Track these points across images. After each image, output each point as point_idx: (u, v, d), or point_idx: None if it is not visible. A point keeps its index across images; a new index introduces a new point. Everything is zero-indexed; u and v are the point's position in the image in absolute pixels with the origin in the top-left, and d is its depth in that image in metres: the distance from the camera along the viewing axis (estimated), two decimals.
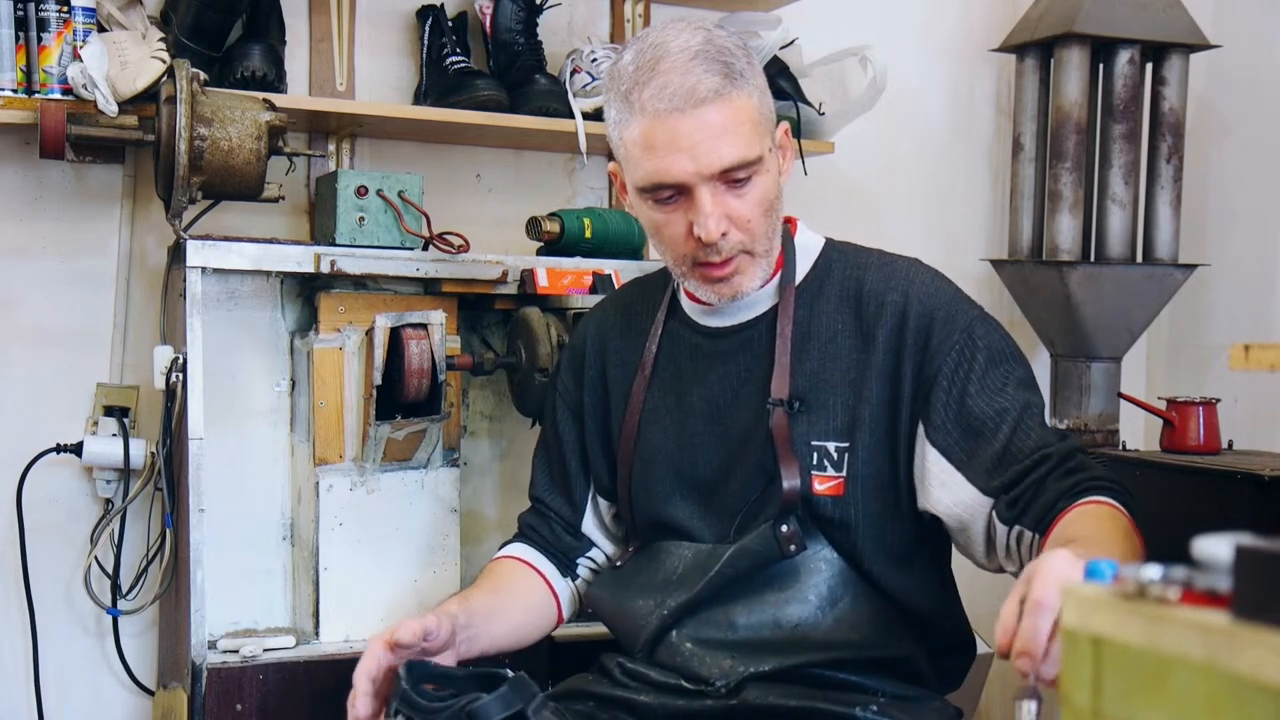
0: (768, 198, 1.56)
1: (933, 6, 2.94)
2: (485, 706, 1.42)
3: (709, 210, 1.52)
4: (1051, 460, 1.49)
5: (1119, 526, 1.39)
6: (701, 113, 1.49)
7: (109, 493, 2.25)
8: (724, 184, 1.52)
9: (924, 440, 1.56)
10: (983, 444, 1.53)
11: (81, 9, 2.09)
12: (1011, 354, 1.60)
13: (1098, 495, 1.44)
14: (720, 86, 1.50)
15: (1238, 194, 2.84)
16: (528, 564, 1.82)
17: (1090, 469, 1.50)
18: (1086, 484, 1.46)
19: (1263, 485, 1.95)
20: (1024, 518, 1.48)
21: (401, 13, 2.48)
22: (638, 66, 1.52)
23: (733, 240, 1.55)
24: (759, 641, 1.59)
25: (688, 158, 1.50)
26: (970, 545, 1.57)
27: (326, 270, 2.07)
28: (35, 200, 2.27)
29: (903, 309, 1.59)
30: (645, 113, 1.51)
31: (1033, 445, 1.51)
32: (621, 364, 1.76)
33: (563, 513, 1.82)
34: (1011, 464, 1.51)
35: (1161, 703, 0.78)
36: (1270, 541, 0.75)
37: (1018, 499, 1.49)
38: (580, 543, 1.83)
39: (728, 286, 1.59)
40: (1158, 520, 2.17)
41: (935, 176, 2.96)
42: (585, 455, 1.81)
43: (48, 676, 2.24)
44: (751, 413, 1.63)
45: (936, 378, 1.56)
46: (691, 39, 1.52)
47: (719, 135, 1.49)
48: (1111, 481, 1.48)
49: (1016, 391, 1.56)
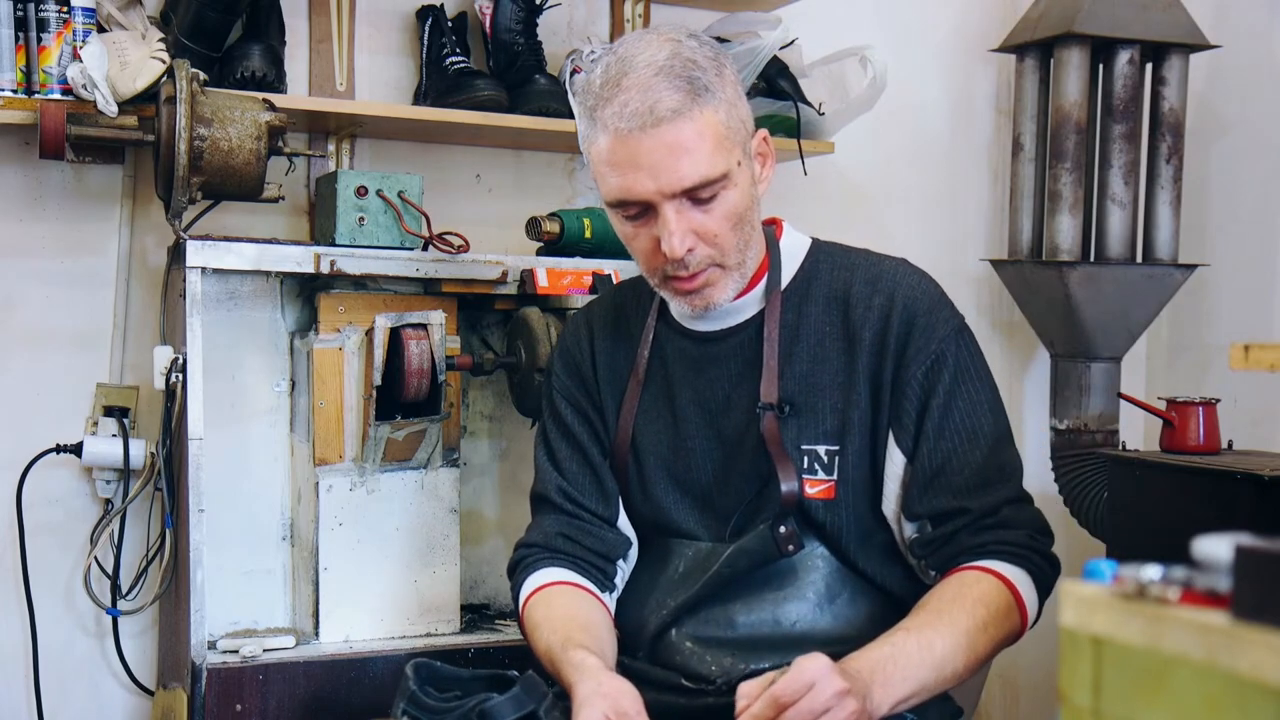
0: (736, 211, 1.54)
1: (933, 6, 2.94)
2: (498, 707, 1.41)
3: (673, 228, 1.51)
4: (970, 514, 1.56)
5: (986, 603, 1.50)
6: (660, 132, 1.48)
7: (109, 493, 2.25)
8: (689, 200, 1.51)
9: (893, 444, 1.59)
10: (922, 461, 1.57)
11: (81, 9, 2.09)
12: (980, 375, 1.62)
13: (996, 561, 1.54)
14: (681, 104, 1.48)
15: (1238, 194, 2.84)
16: (584, 589, 1.69)
17: (1009, 526, 1.56)
18: (993, 546, 1.55)
19: (1263, 485, 1.95)
20: (930, 560, 1.59)
21: (401, 13, 2.48)
22: (603, 82, 1.52)
23: (700, 255, 1.54)
24: (758, 639, 1.59)
25: (648, 176, 1.49)
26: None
27: (326, 270, 2.07)
28: (35, 200, 2.27)
29: (887, 311, 1.60)
30: (607, 130, 1.50)
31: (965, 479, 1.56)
32: (614, 367, 1.74)
33: (597, 509, 1.71)
34: (937, 495, 1.57)
35: (1161, 703, 0.78)
36: (1270, 541, 0.75)
37: (930, 542, 1.58)
38: (620, 538, 1.72)
39: (699, 298, 1.59)
40: (1158, 520, 2.18)
41: (935, 176, 2.96)
42: (603, 447, 1.74)
43: (48, 676, 2.24)
44: (743, 417, 1.63)
45: (909, 383, 1.58)
46: (658, 53, 1.51)
47: (679, 155, 1.48)
48: (1020, 547, 1.55)
49: (974, 415, 1.59)
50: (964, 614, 1.49)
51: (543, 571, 1.69)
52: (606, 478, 1.72)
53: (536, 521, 1.76)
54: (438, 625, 2.19)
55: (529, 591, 1.68)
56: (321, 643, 2.13)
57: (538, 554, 1.71)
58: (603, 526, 1.71)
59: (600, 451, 1.73)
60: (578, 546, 1.70)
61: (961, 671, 1.48)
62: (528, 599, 1.68)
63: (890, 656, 1.44)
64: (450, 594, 2.21)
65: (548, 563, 1.70)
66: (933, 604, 1.51)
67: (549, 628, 1.60)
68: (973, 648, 1.48)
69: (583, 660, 1.51)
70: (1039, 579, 1.55)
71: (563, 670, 1.53)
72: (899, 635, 1.47)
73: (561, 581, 1.68)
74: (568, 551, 1.70)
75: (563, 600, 1.66)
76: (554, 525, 1.72)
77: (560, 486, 1.73)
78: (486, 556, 2.41)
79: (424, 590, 2.19)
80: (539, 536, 1.72)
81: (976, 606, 1.49)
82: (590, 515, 1.72)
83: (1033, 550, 1.56)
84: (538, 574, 1.69)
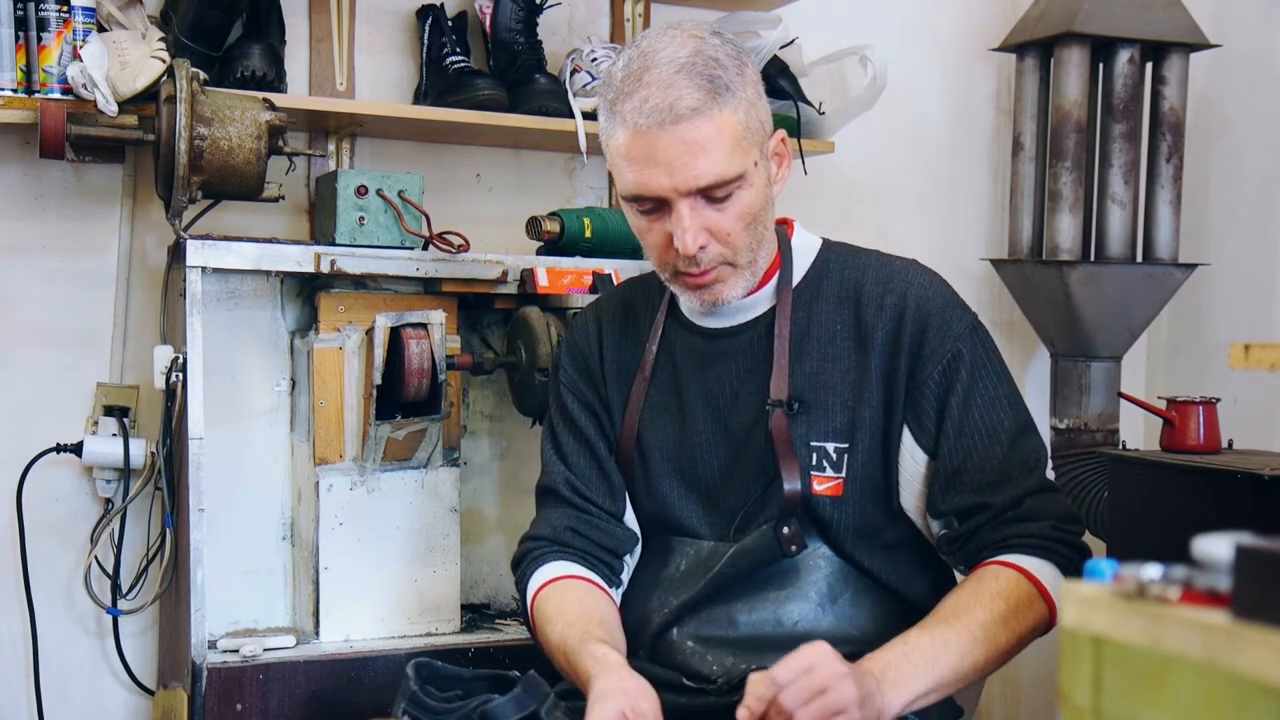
0: (750, 211, 1.55)
1: (933, 6, 2.94)
2: (499, 707, 1.41)
3: (686, 225, 1.51)
4: (992, 509, 1.56)
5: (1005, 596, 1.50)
6: (679, 130, 1.48)
7: (109, 492, 2.25)
8: (704, 198, 1.52)
9: (911, 442, 1.60)
10: (944, 459, 1.58)
11: (81, 9, 2.09)
12: (996, 370, 1.63)
13: (1021, 555, 1.54)
14: (701, 103, 1.48)
15: (1238, 194, 2.84)
16: (595, 584, 1.68)
17: (1031, 518, 1.56)
18: (1014, 540, 1.55)
19: (1263, 485, 1.95)
20: (957, 557, 1.61)
21: (401, 12, 2.48)
22: (625, 76, 1.52)
23: (712, 253, 1.55)
24: (760, 639, 1.59)
25: (664, 173, 1.50)
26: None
27: (326, 270, 2.07)
28: (35, 200, 2.27)
29: (900, 311, 1.60)
30: (626, 125, 1.51)
31: (987, 475, 1.57)
32: (621, 362, 1.74)
33: (604, 503, 1.71)
34: (961, 493, 1.57)
35: (1161, 702, 0.78)
36: (1270, 541, 0.75)
37: (956, 539, 1.59)
38: (627, 534, 1.71)
39: (709, 294, 1.59)
40: (1158, 520, 2.17)
41: (935, 176, 2.96)
42: (610, 443, 1.74)
43: (48, 676, 2.24)
44: (751, 413, 1.63)
45: (925, 383, 1.58)
46: (680, 50, 1.51)
47: (696, 154, 1.49)
48: (1042, 538, 1.55)
49: (993, 411, 1.59)
50: (981, 609, 1.49)
51: (552, 565, 1.68)
52: (613, 473, 1.72)
53: (543, 515, 1.75)
54: (438, 625, 2.19)
55: (539, 584, 1.67)
56: (322, 642, 2.13)
57: (545, 547, 1.70)
58: (610, 521, 1.71)
59: (606, 447, 1.73)
60: (586, 541, 1.69)
61: (983, 665, 1.48)
62: (538, 591, 1.67)
63: (904, 655, 1.44)
64: (450, 593, 2.21)
65: (556, 556, 1.69)
66: (949, 603, 1.52)
67: (563, 620, 1.60)
68: (992, 641, 1.48)
69: (605, 654, 1.51)
70: (1065, 567, 1.54)
71: (579, 662, 1.52)
72: (913, 634, 1.47)
73: (572, 575, 1.67)
74: (576, 546, 1.69)
75: (575, 594, 1.65)
76: (562, 519, 1.71)
77: (568, 480, 1.72)
78: (487, 556, 2.41)
79: (424, 590, 2.19)
80: (547, 530, 1.71)
81: (994, 600, 1.49)
82: (598, 510, 1.71)
83: (1056, 540, 1.55)
84: (547, 567, 1.68)
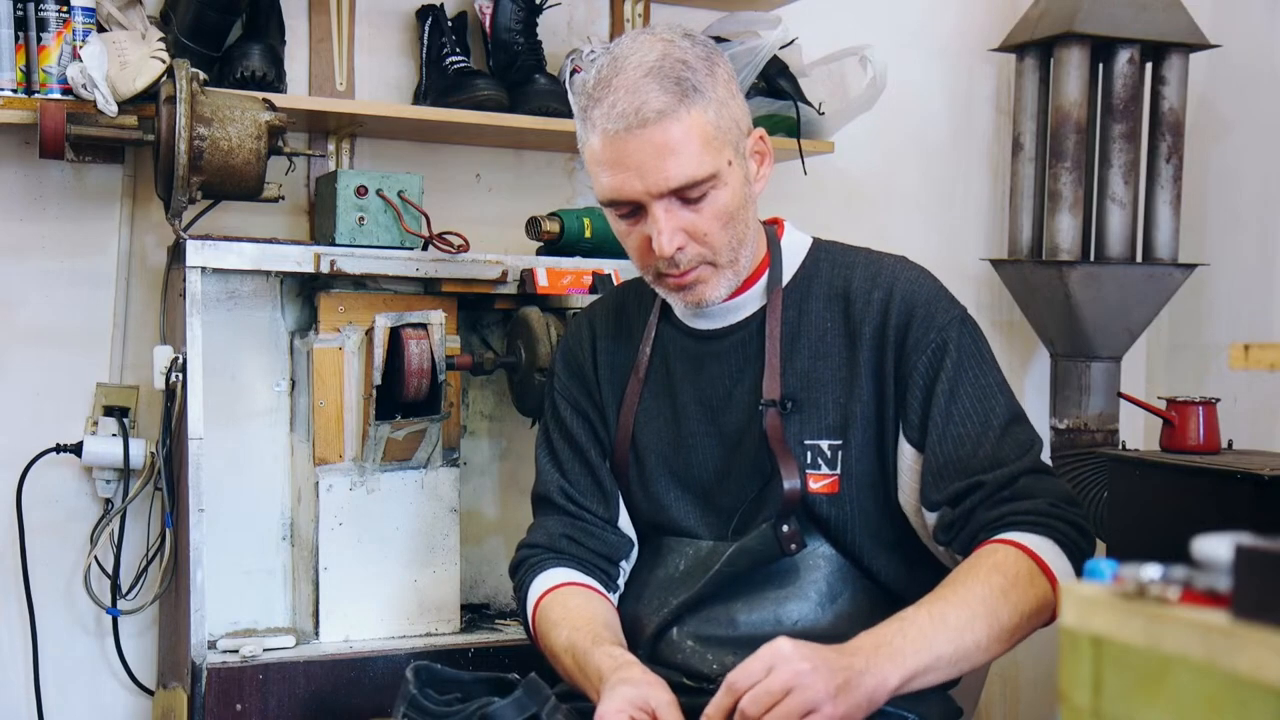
0: (727, 210, 1.55)
1: (933, 6, 2.94)
2: (500, 711, 1.40)
3: (662, 227, 1.52)
4: (986, 488, 1.53)
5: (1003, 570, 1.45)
6: (647, 133, 1.49)
7: (109, 493, 2.25)
8: (678, 200, 1.53)
9: (902, 436, 1.59)
10: (933, 449, 1.56)
11: (81, 9, 2.09)
12: (986, 360, 1.61)
13: (1018, 531, 1.49)
14: (667, 105, 1.49)
15: (1238, 194, 2.84)
16: (596, 590, 1.69)
17: (1027, 496, 1.52)
18: (1010, 518, 1.51)
19: (1263, 485, 1.95)
20: (955, 543, 1.56)
21: (401, 12, 2.48)
22: (596, 82, 1.54)
23: (691, 253, 1.56)
24: (760, 638, 1.57)
25: (636, 177, 1.51)
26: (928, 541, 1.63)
27: (326, 270, 2.07)
28: (35, 200, 2.27)
29: (886, 306, 1.60)
30: (597, 130, 1.53)
31: (979, 461, 1.54)
32: (614, 365, 1.75)
33: (598, 510, 1.73)
34: (953, 479, 1.55)
35: (1161, 702, 0.78)
36: (1270, 541, 0.75)
37: (951, 524, 1.55)
38: (622, 539, 1.73)
39: (691, 294, 1.60)
40: (1158, 520, 2.18)
41: (935, 176, 2.96)
42: (603, 449, 1.75)
43: (48, 676, 2.24)
44: (745, 413, 1.64)
45: (911, 375, 1.58)
46: (649, 54, 1.52)
47: (665, 156, 1.50)
48: (1040, 515, 1.51)
49: (983, 400, 1.57)
50: (979, 583, 1.44)
51: (552, 572, 1.69)
52: (606, 479, 1.74)
53: (539, 522, 1.77)
54: (438, 625, 2.19)
55: (541, 591, 1.68)
56: (321, 642, 2.13)
57: (542, 554, 1.72)
58: (605, 528, 1.72)
59: (599, 453, 1.74)
60: (582, 548, 1.71)
61: (985, 641, 1.43)
62: (541, 598, 1.68)
63: (899, 630, 1.41)
64: (450, 594, 2.21)
65: (554, 563, 1.70)
66: (946, 581, 1.47)
67: (569, 625, 1.61)
68: (993, 615, 1.43)
69: (620, 654, 1.53)
70: (1066, 545, 1.50)
71: (592, 661, 1.53)
72: (909, 610, 1.44)
73: (573, 582, 1.68)
74: (572, 553, 1.71)
75: (579, 600, 1.66)
76: (558, 526, 1.73)
77: (562, 488, 1.74)
78: (486, 556, 2.41)
79: (424, 590, 2.19)
80: (543, 537, 1.73)
81: (992, 574, 1.45)
82: (592, 516, 1.73)
83: (1055, 517, 1.50)
84: (547, 574, 1.69)
